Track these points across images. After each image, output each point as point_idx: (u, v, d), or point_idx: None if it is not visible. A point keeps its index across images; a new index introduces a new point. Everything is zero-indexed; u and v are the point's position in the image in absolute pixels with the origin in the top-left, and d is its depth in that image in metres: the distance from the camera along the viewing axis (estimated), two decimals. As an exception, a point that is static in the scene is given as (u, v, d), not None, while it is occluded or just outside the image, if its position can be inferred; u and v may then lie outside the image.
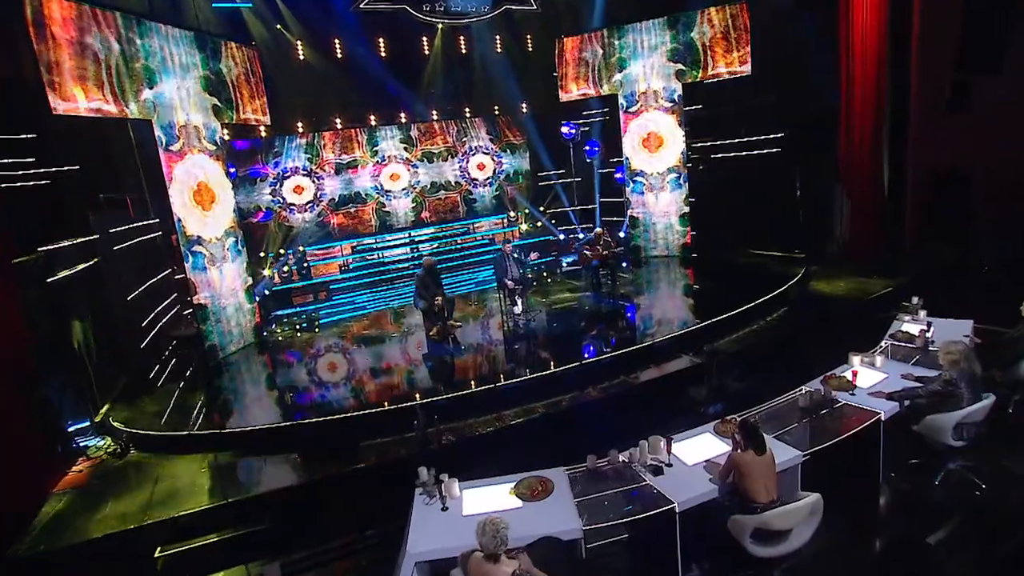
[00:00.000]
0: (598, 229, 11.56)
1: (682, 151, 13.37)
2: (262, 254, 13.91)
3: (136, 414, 8.41)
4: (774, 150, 12.60)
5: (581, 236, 15.09)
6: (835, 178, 11.88)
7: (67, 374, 8.19)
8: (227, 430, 7.66)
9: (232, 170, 12.57)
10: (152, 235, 10.40)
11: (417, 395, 8.08)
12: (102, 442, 7.84)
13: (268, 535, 6.19)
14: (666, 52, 12.98)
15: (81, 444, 7.79)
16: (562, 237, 15.86)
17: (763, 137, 12.70)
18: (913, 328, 7.14)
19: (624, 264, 13.47)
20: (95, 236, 9.20)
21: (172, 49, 9.52)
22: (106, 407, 8.66)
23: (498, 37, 16.03)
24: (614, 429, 6.84)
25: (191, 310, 9.93)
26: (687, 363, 8.42)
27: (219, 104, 10.50)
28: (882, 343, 7.02)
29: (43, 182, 8.13)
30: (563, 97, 14.21)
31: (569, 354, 8.86)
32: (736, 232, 13.28)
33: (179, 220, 9.58)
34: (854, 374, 6.19)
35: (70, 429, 8.02)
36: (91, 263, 8.96)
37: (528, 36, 16.02)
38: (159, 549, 5.98)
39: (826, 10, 11.56)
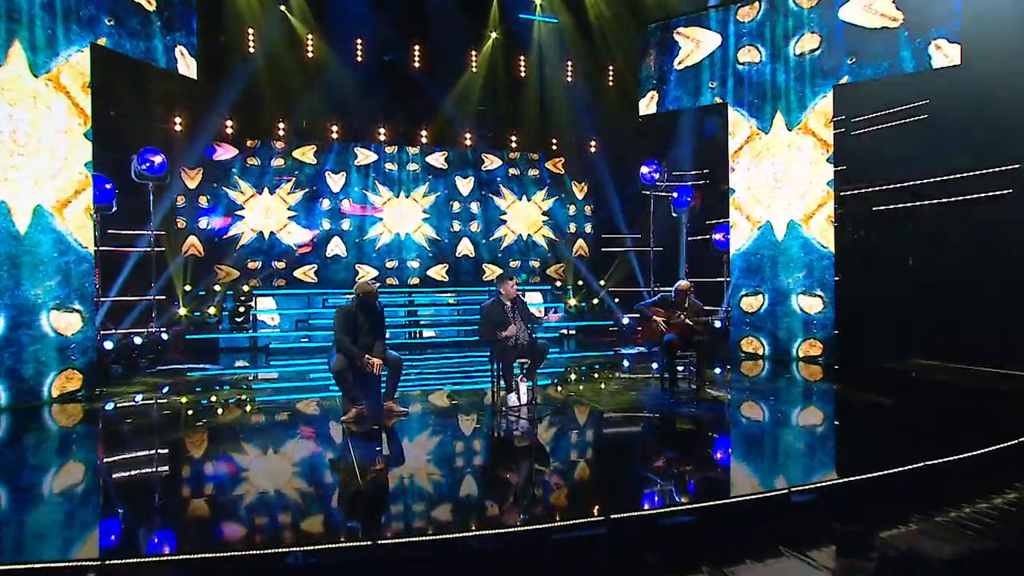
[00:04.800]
0: (682, 282, 6.61)
1: (823, 199, 8.42)
2: (187, 287, 9.81)
3: None
4: (997, 193, 7.41)
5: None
6: None
7: None
8: None
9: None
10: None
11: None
12: None
13: None
14: (807, 42, 8.45)
15: None
16: (626, 321, 10.88)
17: (974, 173, 7.60)
18: None
19: (717, 368, 8.16)
20: None
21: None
22: None
23: (570, 64, 12.31)
24: None
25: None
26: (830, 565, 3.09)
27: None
28: None
29: None
30: (644, 108, 9.72)
31: (585, 497, 3.80)
32: (914, 329, 7.94)
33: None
34: None
35: None
36: None
37: (609, 65, 12.17)
38: None
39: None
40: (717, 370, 8.07)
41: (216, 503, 3.74)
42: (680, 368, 6.75)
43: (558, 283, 11.68)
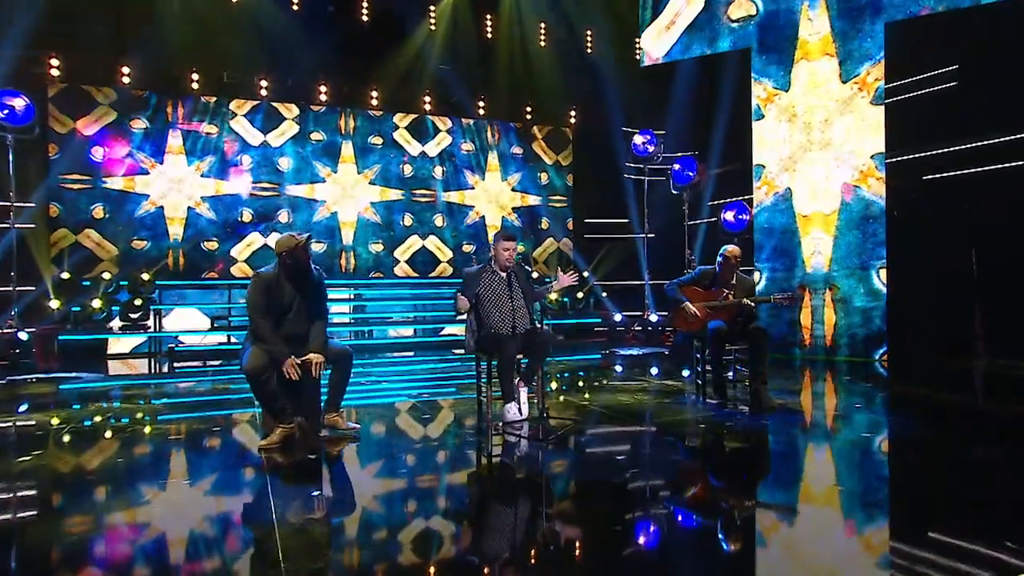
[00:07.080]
0: (732, 247, 4.95)
1: (873, 166, 6.96)
2: (64, 274, 7.56)
3: None
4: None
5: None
6: None
7: None
8: None
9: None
10: None
11: None
12: None
13: None
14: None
15: None
16: (619, 317, 9.22)
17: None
18: None
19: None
20: None
21: None
22: None
23: (546, 19, 10.64)
24: None
25: None
26: None
27: None
28: None
29: None
30: (651, 54, 8.08)
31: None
32: (989, 320, 6.53)
33: None
34: None
35: None
36: None
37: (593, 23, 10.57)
38: None
39: None
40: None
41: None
42: (731, 368, 5.09)
43: (535, 274, 9.87)
